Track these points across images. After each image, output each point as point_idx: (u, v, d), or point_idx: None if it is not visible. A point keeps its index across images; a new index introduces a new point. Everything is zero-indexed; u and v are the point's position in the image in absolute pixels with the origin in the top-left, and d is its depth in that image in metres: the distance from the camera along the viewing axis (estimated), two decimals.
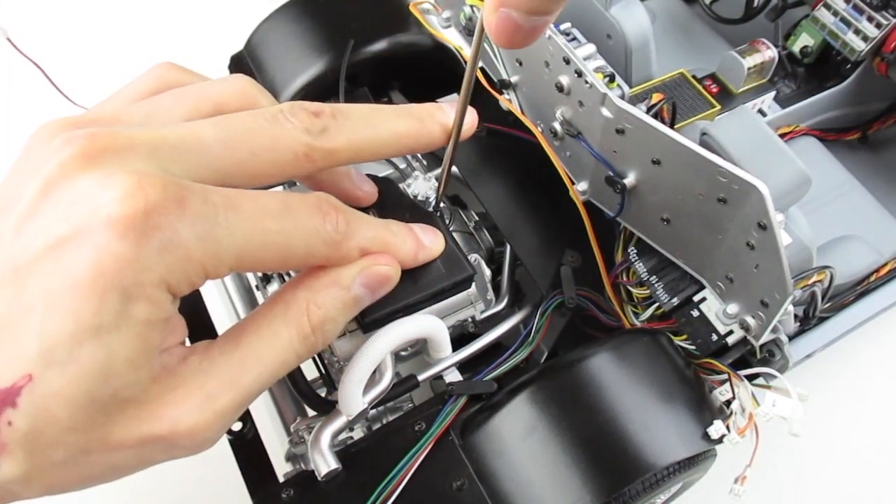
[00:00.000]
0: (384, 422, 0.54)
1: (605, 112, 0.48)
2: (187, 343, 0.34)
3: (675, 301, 0.54)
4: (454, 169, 0.66)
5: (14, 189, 0.30)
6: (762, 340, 0.50)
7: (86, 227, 0.27)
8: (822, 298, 0.55)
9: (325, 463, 0.46)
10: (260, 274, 0.61)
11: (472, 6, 0.62)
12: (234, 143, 0.32)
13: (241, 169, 0.32)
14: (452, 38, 0.68)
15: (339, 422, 0.48)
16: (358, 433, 0.54)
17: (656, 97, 0.55)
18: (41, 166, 0.29)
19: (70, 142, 0.29)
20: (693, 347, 0.53)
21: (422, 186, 0.58)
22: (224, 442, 0.51)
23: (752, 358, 0.54)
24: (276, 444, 0.54)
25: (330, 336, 0.36)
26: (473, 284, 0.54)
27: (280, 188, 0.57)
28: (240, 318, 0.60)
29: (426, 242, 0.42)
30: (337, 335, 0.38)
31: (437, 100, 0.53)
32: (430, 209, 0.49)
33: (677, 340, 0.54)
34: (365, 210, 0.53)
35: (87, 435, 0.28)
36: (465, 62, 0.69)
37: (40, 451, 0.27)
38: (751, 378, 0.52)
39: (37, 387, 0.26)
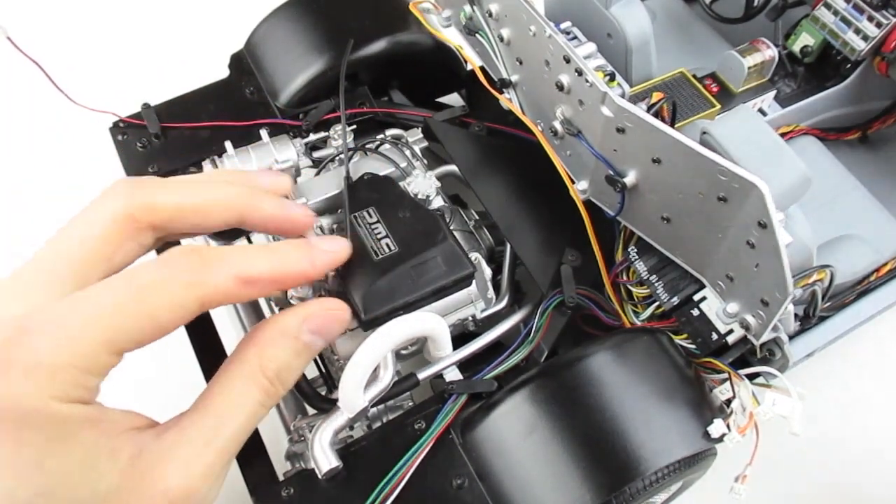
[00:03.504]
0: (384, 420, 0.54)
1: (606, 111, 0.48)
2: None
3: (676, 300, 0.54)
4: (454, 168, 0.66)
5: None
6: (762, 339, 0.50)
7: None
8: (823, 297, 0.55)
9: (325, 461, 0.46)
10: None
11: (472, 6, 0.62)
12: (63, 248, 0.35)
13: (85, 258, 0.35)
14: (452, 38, 0.68)
15: (339, 420, 0.48)
16: (358, 432, 0.53)
17: (656, 96, 0.55)
18: None
19: None
20: (693, 346, 0.53)
21: (422, 185, 0.58)
22: None
23: (753, 357, 0.54)
24: (276, 442, 0.54)
25: (289, 382, 0.38)
26: (474, 283, 0.54)
27: None
28: (242, 321, 0.60)
29: (324, 246, 0.42)
30: (298, 377, 0.40)
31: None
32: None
33: (677, 339, 0.54)
34: (365, 208, 0.53)
35: None
36: (466, 62, 0.69)
37: None
38: (751, 377, 0.52)
39: None
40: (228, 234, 0.61)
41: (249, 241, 0.64)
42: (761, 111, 0.73)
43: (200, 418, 0.35)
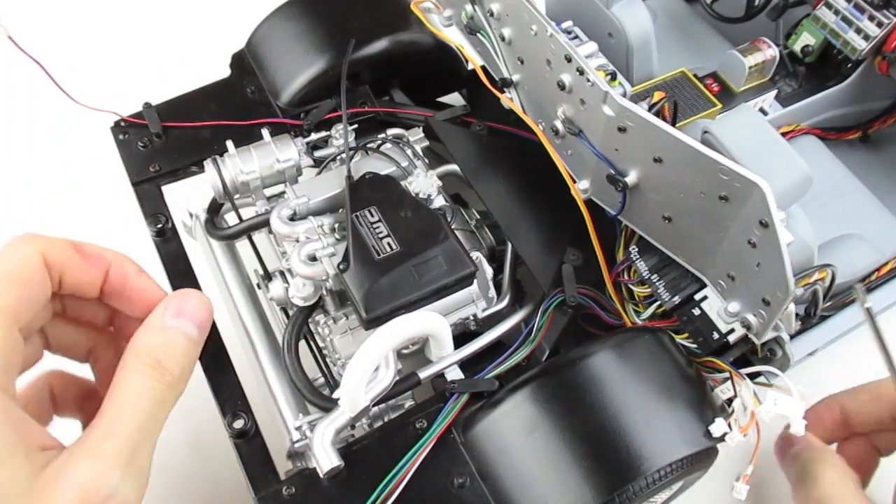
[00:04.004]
0: (385, 419, 0.54)
1: (607, 110, 0.48)
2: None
3: (677, 299, 0.54)
4: (455, 167, 0.66)
5: None
6: (763, 339, 0.50)
7: None
8: (824, 297, 0.55)
9: (327, 460, 0.46)
10: (261, 272, 0.61)
11: (473, 6, 0.62)
12: None
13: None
14: (454, 37, 0.69)
15: (341, 419, 0.48)
16: (359, 431, 0.54)
17: (658, 95, 0.55)
18: None
19: None
20: (694, 346, 0.53)
21: (423, 184, 0.58)
22: (226, 440, 0.51)
23: (754, 356, 0.54)
24: (277, 441, 0.54)
25: (173, 362, 0.41)
26: (475, 282, 0.54)
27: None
28: (243, 320, 0.60)
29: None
30: (186, 370, 0.42)
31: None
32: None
33: (679, 339, 0.54)
34: (366, 208, 0.54)
35: None
36: (467, 61, 0.69)
37: None
38: (752, 376, 0.52)
39: None
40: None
41: (251, 241, 0.64)
42: (762, 111, 0.73)
43: (99, 419, 0.37)
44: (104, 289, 0.45)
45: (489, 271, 0.58)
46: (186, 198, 0.65)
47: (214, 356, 0.53)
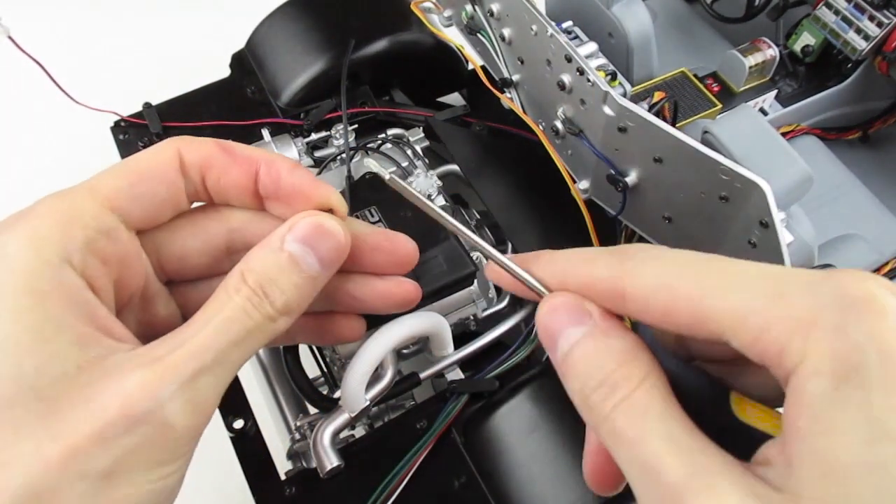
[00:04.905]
0: (386, 420, 0.54)
1: (607, 110, 0.48)
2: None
3: None
4: (455, 167, 0.66)
5: None
6: None
7: None
8: None
9: (327, 460, 0.46)
10: None
11: (474, 6, 0.62)
12: None
13: None
14: (454, 37, 0.68)
15: (341, 419, 0.48)
16: (360, 431, 0.54)
17: (658, 95, 0.55)
18: None
19: None
20: None
21: (424, 184, 0.58)
22: (226, 439, 0.51)
23: None
24: (277, 441, 0.54)
25: (277, 298, 0.33)
26: (475, 282, 0.54)
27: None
28: None
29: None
30: (293, 306, 0.34)
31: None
32: None
33: None
34: (366, 208, 0.53)
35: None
36: (467, 61, 0.69)
37: None
38: None
39: None
40: None
41: None
42: (762, 111, 0.73)
43: (175, 331, 0.31)
44: (257, 193, 0.36)
45: None
46: None
47: None
